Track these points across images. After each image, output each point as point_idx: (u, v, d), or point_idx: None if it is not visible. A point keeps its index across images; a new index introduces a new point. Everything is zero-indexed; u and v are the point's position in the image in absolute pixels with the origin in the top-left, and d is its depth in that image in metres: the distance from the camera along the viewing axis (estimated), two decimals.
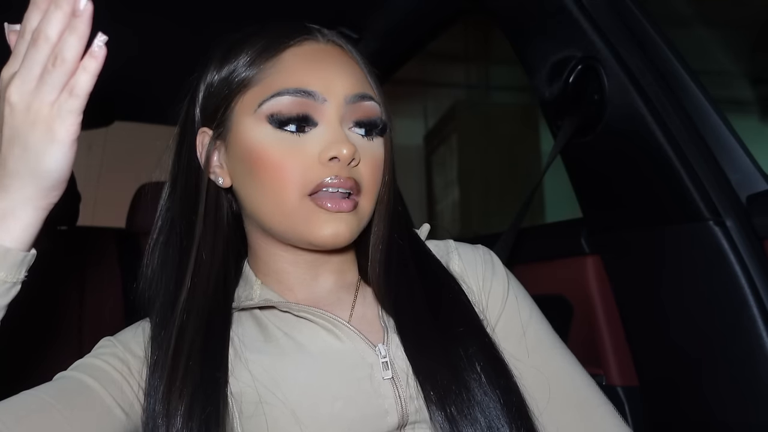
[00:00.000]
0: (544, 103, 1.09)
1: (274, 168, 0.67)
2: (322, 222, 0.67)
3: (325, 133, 0.68)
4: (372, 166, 0.70)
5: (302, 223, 0.67)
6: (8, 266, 0.58)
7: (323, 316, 0.69)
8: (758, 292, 0.86)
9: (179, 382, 0.64)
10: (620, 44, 0.97)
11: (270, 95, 0.68)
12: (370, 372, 0.68)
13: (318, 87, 0.68)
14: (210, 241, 0.73)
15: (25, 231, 0.58)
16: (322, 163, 0.67)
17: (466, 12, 1.32)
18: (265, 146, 0.68)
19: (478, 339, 0.69)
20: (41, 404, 0.61)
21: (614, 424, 0.73)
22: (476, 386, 0.65)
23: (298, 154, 0.67)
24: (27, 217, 0.58)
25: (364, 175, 0.69)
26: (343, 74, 0.70)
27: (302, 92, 0.68)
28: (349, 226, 0.67)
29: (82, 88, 0.56)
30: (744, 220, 0.89)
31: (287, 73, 0.69)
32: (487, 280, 0.77)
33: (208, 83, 0.73)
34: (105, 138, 3.09)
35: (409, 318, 0.70)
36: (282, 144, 0.67)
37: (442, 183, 3.56)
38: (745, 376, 0.88)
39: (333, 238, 0.67)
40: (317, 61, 0.70)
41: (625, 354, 1.10)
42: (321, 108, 0.68)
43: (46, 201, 0.58)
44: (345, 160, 0.67)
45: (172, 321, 0.69)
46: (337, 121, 0.69)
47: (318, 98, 0.68)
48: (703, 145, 0.93)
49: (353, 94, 0.70)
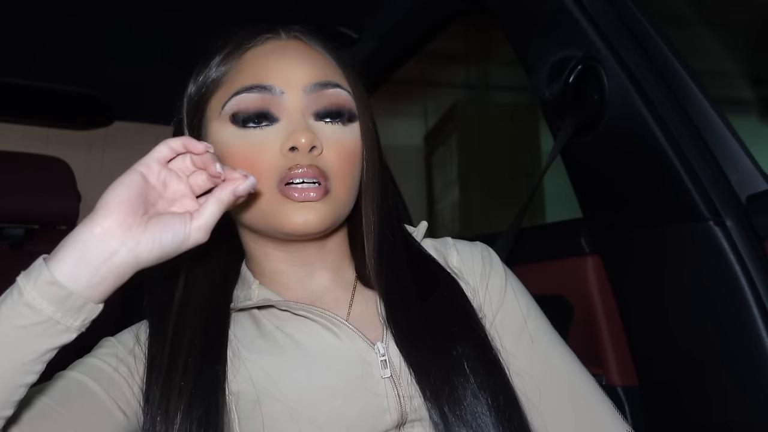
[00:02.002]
0: (544, 103, 1.09)
1: (242, 165, 0.68)
2: (291, 211, 0.67)
3: (286, 126, 0.69)
4: (340, 154, 0.70)
5: (273, 215, 0.68)
6: (65, 308, 0.56)
7: (322, 314, 0.70)
8: (758, 292, 0.86)
9: (178, 383, 0.64)
10: (620, 44, 0.97)
11: (230, 95, 0.70)
12: (369, 370, 0.68)
13: (275, 80, 0.69)
14: (204, 245, 0.73)
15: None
16: (284, 154, 0.68)
17: (466, 12, 1.32)
18: (232, 146, 0.69)
19: (471, 338, 0.69)
20: (41, 407, 0.61)
21: (613, 421, 0.73)
22: (466, 388, 0.65)
23: (263, 149, 0.68)
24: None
25: (330, 162, 0.69)
26: (302, 65, 0.71)
27: (259, 87, 0.69)
28: (318, 213, 0.68)
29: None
30: (744, 220, 0.89)
31: (246, 72, 0.70)
32: (485, 277, 0.77)
33: (189, 96, 0.75)
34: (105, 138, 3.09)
35: (402, 316, 0.70)
36: (246, 141, 0.69)
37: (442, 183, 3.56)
38: (746, 375, 0.88)
39: (303, 226, 0.68)
40: (276, 56, 0.71)
41: (625, 354, 1.10)
42: (280, 101, 0.69)
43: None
44: (303, 148, 0.67)
45: (170, 322, 0.69)
46: (298, 113, 0.69)
47: (275, 91, 0.69)
48: (703, 145, 0.93)
49: (313, 83, 0.70)
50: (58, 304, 0.55)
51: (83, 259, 0.56)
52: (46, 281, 0.55)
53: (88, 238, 0.56)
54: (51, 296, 0.55)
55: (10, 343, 0.55)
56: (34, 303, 0.55)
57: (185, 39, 0.72)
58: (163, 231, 0.58)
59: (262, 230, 0.72)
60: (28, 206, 1.65)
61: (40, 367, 0.57)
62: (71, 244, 0.56)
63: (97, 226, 0.56)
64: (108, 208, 0.57)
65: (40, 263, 0.57)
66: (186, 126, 0.75)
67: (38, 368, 0.57)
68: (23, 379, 0.56)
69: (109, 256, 0.56)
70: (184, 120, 0.76)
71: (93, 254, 0.56)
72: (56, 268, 0.55)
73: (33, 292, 0.55)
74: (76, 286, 0.56)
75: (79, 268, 0.56)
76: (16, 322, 0.54)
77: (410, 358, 0.67)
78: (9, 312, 0.55)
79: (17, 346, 0.55)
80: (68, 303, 0.56)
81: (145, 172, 0.60)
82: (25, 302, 0.55)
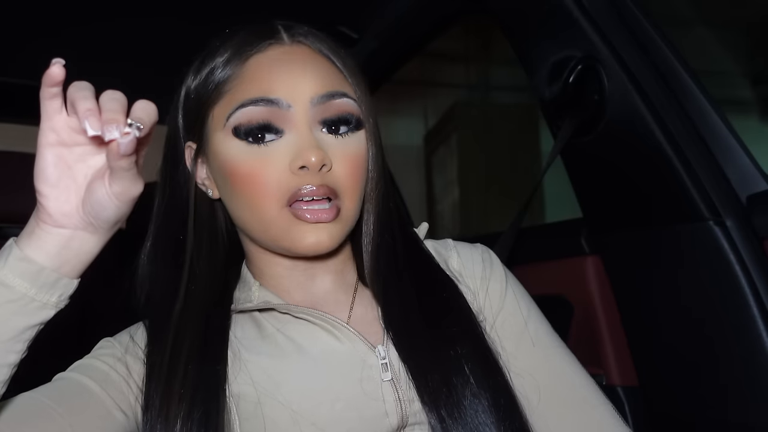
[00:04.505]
0: (544, 103, 1.09)
1: (247, 182, 0.66)
2: (303, 233, 0.66)
3: (294, 141, 0.66)
4: (348, 167, 0.68)
5: (283, 235, 0.67)
6: (39, 284, 0.56)
7: (322, 317, 0.69)
8: (758, 292, 0.86)
9: (178, 384, 0.64)
10: (620, 44, 0.97)
11: (235, 108, 0.67)
12: (370, 373, 0.67)
13: (281, 93, 0.67)
14: (206, 248, 0.73)
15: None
16: (293, 173, 0.66)
17: (466, 12, 1.32)
18: (237, 161, 0.67)
19: (470, 340, 0.69)
20: (41, 407, 0.61)
21: (613, 423, 0.73)
22: (465, 388, 0.65)
23: (269, 165, 0.66)
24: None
25: (340, 177, 0.68)
26: (309, 76, 0.68)
27: (265, 101, 0.66)
28: (330, 234, 0.66)
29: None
30: (744, 220, 0.89)
31: (250, 83, 0.68)
32: (485, 279, 0.76)
33: (185, 93, 0.73)
34: None
35: (401, 318, 0.70)
36: (252, 156, 0.67)
37: (442, 183, 3.56)
38: (746, 376, 0.88)
39: (315, 246, 0.66)
40: (281, 65, 0.69)
41: (625, 354, 1.10)
42: (287, 114, 0.67)
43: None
44: (314, 167, 0.65)
45: (171, 323, 0.69)
46: (305, 126, 0.67)
47: (282, 105, 0.67)
48: (703, 145, 0.93)
49: (319, 95, 0.68)
50: (31, 280, 0.56)
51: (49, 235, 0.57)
52: (17, 257, 0.56)
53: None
54: (23, 272, 0.55)
55: None
56: (6, 280, 0.55)
57: (185, 39, 0.72)
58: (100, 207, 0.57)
59: (268, 246, 0.71)
60: (28, 206, 1.64)
61: (20, 347, 0.57)
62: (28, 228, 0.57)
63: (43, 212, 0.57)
64: (37, 181, 0.57)
65: (10, 243, 0.57)
66: (182, 126, 0.74)
67: (18, 347, 0.57)
68: (4, 358, 0.56)
69: (61, 230, 0.57)
70: (180, 117, 0.74)
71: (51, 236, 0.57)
72: (26, 245, 0.56)
73: (4, 269, 0.55)
74: (47, 261, 0.56)
75: (42, 239, 0.57)
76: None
77: (409, 361, 0.67)
78: None
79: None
80: (41, 278, 0.56)
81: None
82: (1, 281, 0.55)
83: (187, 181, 0.73)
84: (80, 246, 0.58)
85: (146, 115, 0.54)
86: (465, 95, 3.58)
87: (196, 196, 0.73)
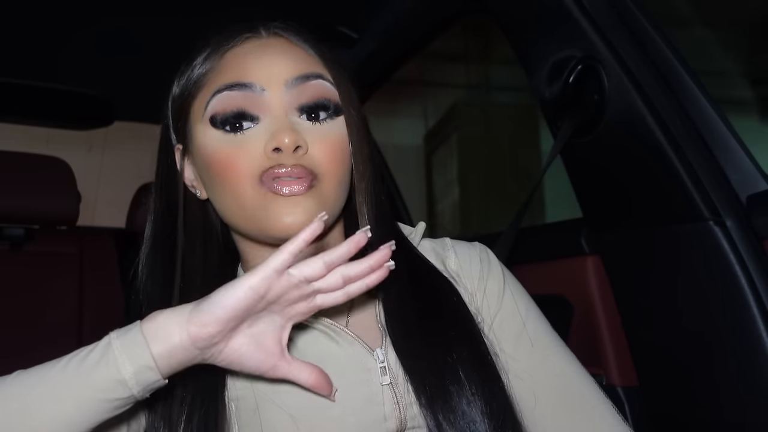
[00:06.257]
0: (544, 103, 1.09)
1: (225, 167, 0.67)
2: (280, 209, 0.65)
3: (269, 125, 0.67)
4: (326, 150, 0.68)
5: (262, 215, 0.66)
6: (148, 390, 0.57)
7: (321, 320, 0.69)
8: (758, 292, 0.86)
9: (178, 388, 0.64)
10: (620, 44, 0.97)
11: (211, 95, 0.68)
12: (369, 377, 0.67)
13: (255, 77, 0.67)
14: (200, 249, 0.73)
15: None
16: (267, 156, 0.66)
17: (466, 12, 1.32)
18: (214, 149, 0.68)
19: (468, 343, 0.68)
20: None
21: (613, 423, 0.72)
22: (461, 394, 0.65)
23: (245, 150, 0.66)
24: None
25: (318, 160, 0.67)
26: (283, 60, 0.69)
27: (239, 85, 0.67)
28: (306, 211, 0.65)
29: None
30: (744, 220, 0.89)
31: (226, 72, 0.68)
32: (483, 279, 0.76)
33: (173, 97, 0.74)
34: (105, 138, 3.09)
35: (398, 321, 0.69)
36: (228, 144, 0.67)
37: (442, 183, 3.56)
38: (746, 376, 0.88)
39: (292, 226, 0.65)
40: (256, 53, 0.69)
41: (625, 354, 1.10)
42: (261, 99, 0.67)
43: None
44: (287, 149, 0.65)
45: None
46: (281, 111, 0.67)
47: (256, 88, 0.67)
48: (703, 145, 0.93)
49: (294, 77, 0.68)
50: (146, 386, 0.56)
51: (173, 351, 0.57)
52: (146, 366, 0.56)
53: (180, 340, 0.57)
54: (145, 381, 0.56)
55: (89, 409, 0.55)
56: (129, 384, 0.55)
57: (185, 39, 0.72)
58: (251, 355, 0.60)
59: (254, 235, 0.70)
60: (28, 206, 1.65)
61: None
62: (165, 331, 0.57)
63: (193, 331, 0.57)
64: (213, 315, 0.57)
65: (139, 336, 0.57)
66: (172, 130, 0.75)
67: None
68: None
69: (192, 359, 0.58)
70: (170, 123, 0.75)
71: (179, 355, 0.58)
72: (160, 355, 0.56)
73: (130, 369, 0.55)
74: (167, 373, 0.57)
75: (173, 358, 0.57)
76: (103, 395, 0.55)
77: (407, 364, 0.67)
78: (99, 383, 0.55)
79: (95, 414, 0.56)
80: (153, 386, 0.57)
81: (261, 287, 0.57)
82: (120, 379, 0.55)
83: (177, 183, 0.74)
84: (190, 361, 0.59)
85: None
86: (465, 95, 3.58)
87: (186, 197, 0.74)
